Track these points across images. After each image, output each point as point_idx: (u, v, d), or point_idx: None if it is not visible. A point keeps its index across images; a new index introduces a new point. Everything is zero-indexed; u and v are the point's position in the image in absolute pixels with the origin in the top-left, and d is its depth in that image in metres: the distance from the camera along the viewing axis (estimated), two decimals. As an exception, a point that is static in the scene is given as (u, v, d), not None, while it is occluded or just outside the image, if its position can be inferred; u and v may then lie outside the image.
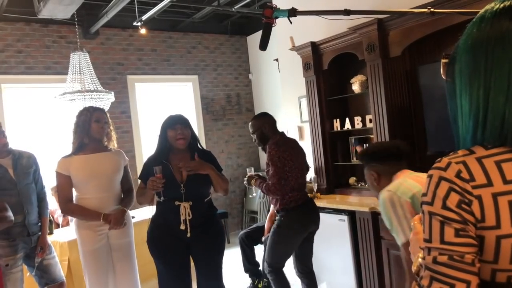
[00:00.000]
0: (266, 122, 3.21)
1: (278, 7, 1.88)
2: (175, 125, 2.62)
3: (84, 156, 2.81)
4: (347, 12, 1.76)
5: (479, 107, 0.78)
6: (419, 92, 3.37)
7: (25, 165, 2.98)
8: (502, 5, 0.78)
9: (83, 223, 2.81)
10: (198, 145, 2.78)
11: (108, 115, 2.98)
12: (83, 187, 2.79)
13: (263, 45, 1.96)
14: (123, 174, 2.97)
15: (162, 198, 2.65)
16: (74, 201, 2.85)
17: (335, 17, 2.00)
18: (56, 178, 2.82)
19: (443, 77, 0.87)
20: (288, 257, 3.20)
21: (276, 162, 3.01)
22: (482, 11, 0.81)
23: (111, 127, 2.96)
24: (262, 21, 1.89)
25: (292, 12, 1.82)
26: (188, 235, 2.59)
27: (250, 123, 3.32)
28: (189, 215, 2.58)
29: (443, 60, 0.87)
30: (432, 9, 1.72)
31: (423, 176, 1.82)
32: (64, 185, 2.80)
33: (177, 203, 2.59)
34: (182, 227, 2.57)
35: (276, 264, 3.15)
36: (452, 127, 0.85)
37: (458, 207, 0.74)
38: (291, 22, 1.92)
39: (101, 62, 5.78)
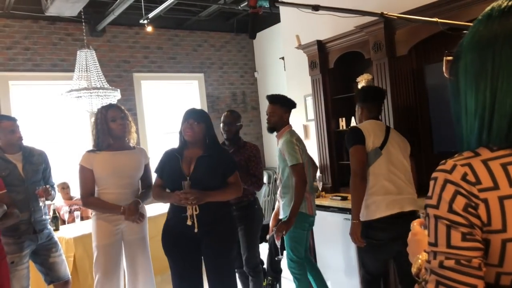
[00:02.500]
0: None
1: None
2: (188, 119, 2.62)
3: (108, 153, 2.83)
4: (315, 8, 1.90)
5: (485, 108, 0.75)
6: (425, 92, 3.35)
7: (35, 162, 3.00)
8: (510, 3, 0.75)
9: (102, 216, 2.82)
10: (213, 143, 2.66)
11: (123, 108, 2.95)
12: (103, 183, 2.82)
13: (252, 34, 2.13)
14: (144, 171, 2.99)
15: (168, 190, 2.63)
16: (95, 195, 2.86)
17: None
18: (79, 171, 2.83)
19: (446, 75, 0.85)
20: None
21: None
22: (488, 8, 0.78)
23: (129, 119, 2.94)
24: (249, 11, 2.00)
25: (272, 2, 1.96)
26: (196, 230, 2.52)
27: (230, 114, 3.43)
28: (196, 210, 2.52)
29: (446, 58, 0.85)
30: (384, 13, 1.86)
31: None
32: (87, 178, 2.81)
33: None
34: (189, 222, 2.51)
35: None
36: (455, 127, 0.83)
37: (464, 211, 0.72)
38: (271, 11, 2.11)
39: (107, 60, 5.80)
